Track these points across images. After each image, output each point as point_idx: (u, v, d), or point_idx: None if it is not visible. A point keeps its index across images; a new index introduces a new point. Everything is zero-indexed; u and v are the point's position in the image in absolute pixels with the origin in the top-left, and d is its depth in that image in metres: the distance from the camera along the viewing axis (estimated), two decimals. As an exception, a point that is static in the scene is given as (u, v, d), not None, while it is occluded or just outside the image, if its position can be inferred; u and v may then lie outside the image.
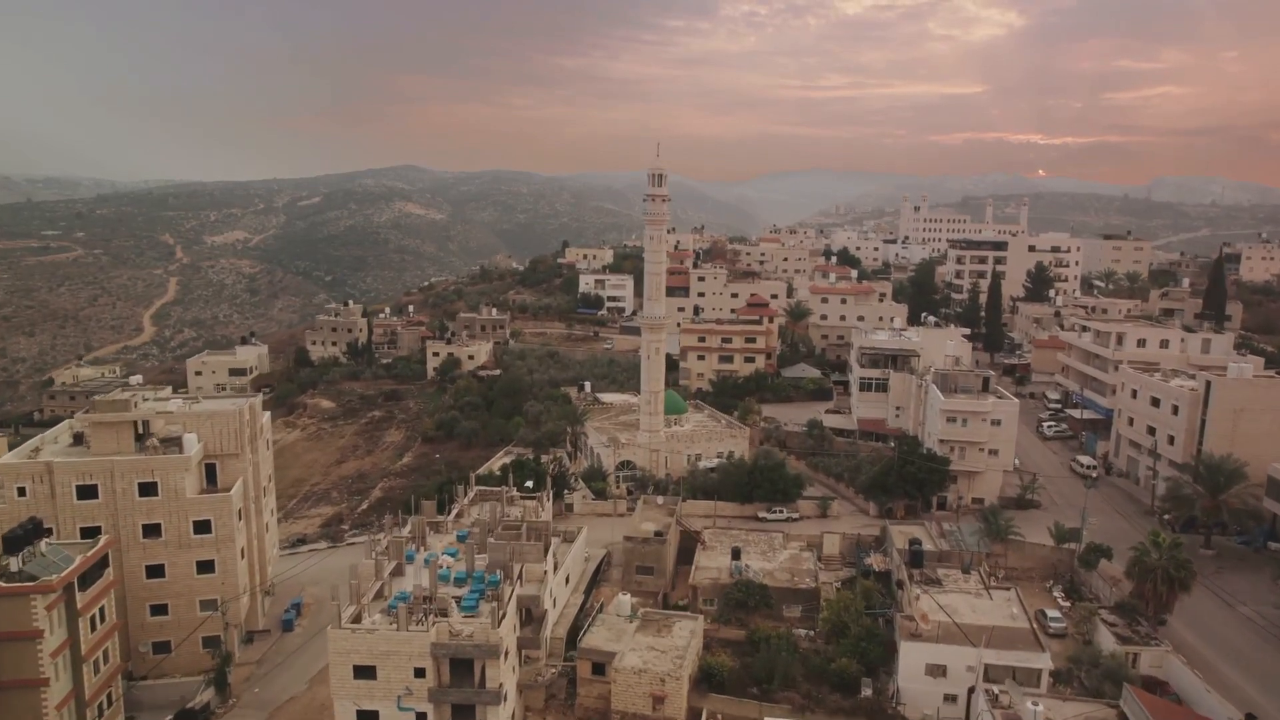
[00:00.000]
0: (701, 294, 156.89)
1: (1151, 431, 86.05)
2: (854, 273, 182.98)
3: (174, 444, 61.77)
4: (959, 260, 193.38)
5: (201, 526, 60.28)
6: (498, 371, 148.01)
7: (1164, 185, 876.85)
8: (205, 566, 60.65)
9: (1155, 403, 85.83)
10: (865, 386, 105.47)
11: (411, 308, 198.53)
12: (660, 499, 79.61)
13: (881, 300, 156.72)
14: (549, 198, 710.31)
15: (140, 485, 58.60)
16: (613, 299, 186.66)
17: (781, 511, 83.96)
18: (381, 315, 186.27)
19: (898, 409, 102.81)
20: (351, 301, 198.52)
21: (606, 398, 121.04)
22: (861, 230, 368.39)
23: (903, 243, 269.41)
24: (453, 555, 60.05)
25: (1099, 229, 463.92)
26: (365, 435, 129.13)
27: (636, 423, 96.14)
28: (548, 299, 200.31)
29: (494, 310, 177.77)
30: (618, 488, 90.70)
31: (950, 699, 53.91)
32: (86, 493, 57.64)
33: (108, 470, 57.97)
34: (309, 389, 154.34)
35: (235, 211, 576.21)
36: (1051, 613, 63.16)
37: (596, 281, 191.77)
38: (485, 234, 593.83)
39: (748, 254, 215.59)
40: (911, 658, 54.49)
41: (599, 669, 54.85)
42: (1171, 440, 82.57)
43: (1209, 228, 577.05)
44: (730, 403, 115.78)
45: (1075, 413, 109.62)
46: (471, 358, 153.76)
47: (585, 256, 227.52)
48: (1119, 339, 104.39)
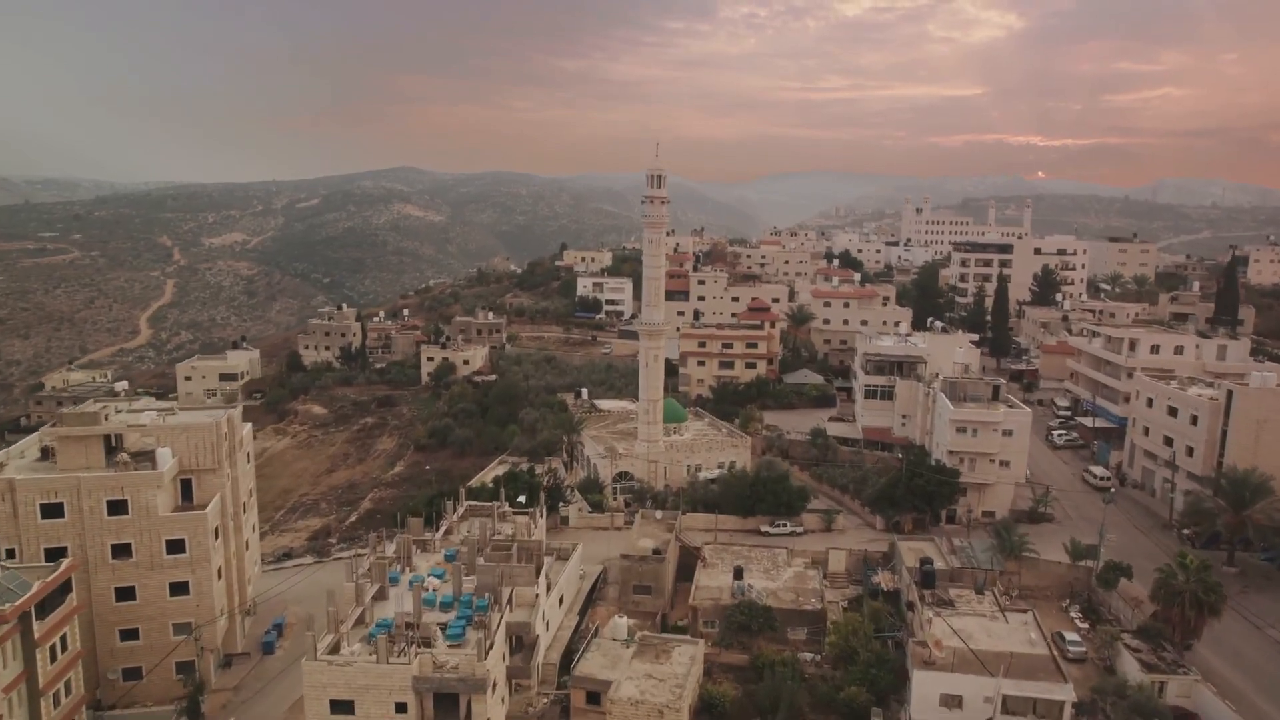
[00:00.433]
0: (701, 298, 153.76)
1: (1169, 442, 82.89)
2: (856, 276, 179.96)
3: (147, 459, 58.64)
4: (963, 263, 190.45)
5: (175, 546, 57.07)
6: (493, 377, 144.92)
7: (1164, 187, 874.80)
8: (179, 588, 57.43)
9: (1173, 412, 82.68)
10: (870, 394, 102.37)
11: (406, 311, 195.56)
12: (659, 513, 76.50)
13: (885, 304, 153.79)
14: (549, 199, 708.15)
15: (109, 503, 55.35)
16: (611, 302, 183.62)
17: (785, 525, 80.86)
18: (376, 319, 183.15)
19: (904, 417, 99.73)
20: (345, 306, 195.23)
21: (604, 404, 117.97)
22: (863, 232, 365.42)
23: (905, 245, 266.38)
24: (439, 577, 56.98)
25: (1099, 231, 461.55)
26: (357, 443, 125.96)
27: (634, 431, 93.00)
28: (545, 302, 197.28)
29: (490, 314, 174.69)
30: (615, 500, 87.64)
31: (967, 732, 50.93)
32: (51, 511, 54.34)
33: (74, 487, 54.72)
34: (301, 394, 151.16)
35: (233, 213, 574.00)
36: (1070, 636, 60.01)
37: (595, 285, 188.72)
38: (484, 236, 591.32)
39: (748, 256, 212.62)
40: (925, 688, 51.27)
41: (594, 698, 51.78)
42: (1191, 452, 79.39)
43: (1210, 229, 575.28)
44: (731, 410, 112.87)
45: (1086, 421, 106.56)
46: (467, 363, 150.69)
47: (584, 259, 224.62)
48: (1132, 345, 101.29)
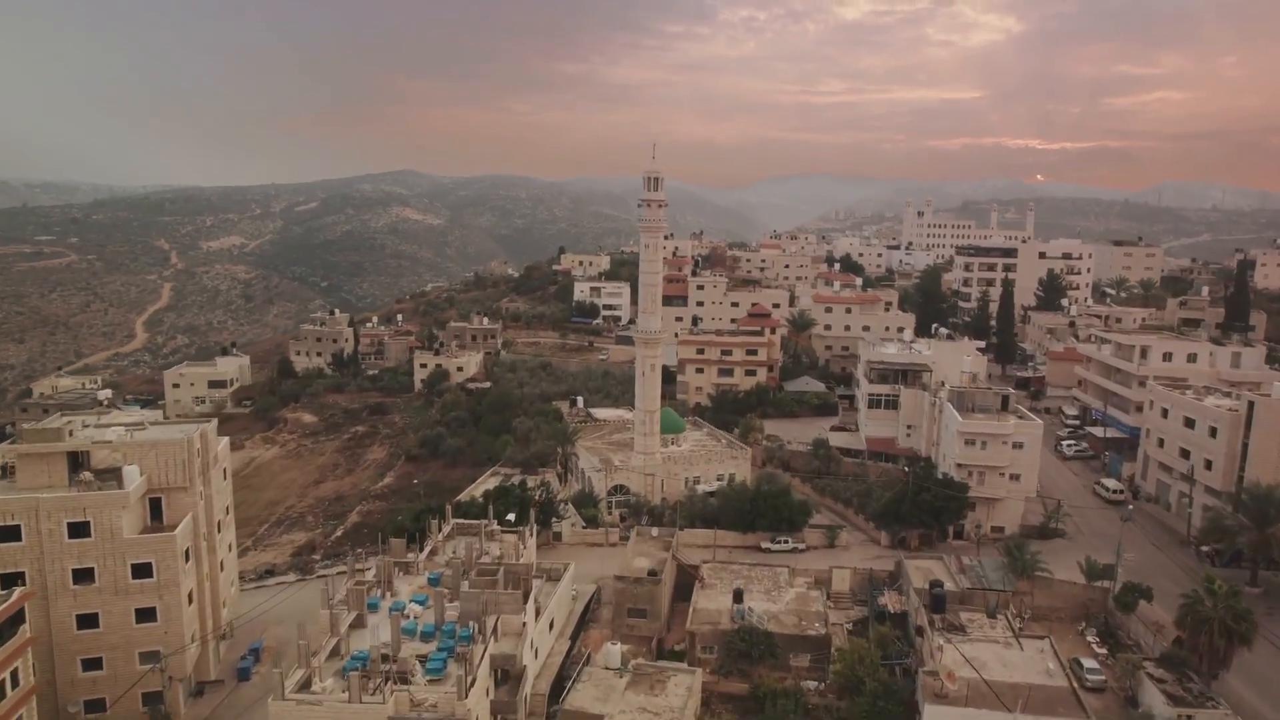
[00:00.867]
0: (700, 303, 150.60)
1: (1185, 455, 79.76)
2: (858, 280, 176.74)
3: (114, 476, 55.47)
4: (966, 267, 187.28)
5: (141, 570, 53.85)
6: (487, 384, 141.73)
7: (1164, 190, 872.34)
8: (146, 614, 54.18)
9: (1190, 423, 79.52)
10: (874, 403, 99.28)
11: (400, 316, 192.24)
12: (655, 531, 73.32)
13: (888, 309, 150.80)
14: (548, 203, 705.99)
15: (70, 525, 52.09)
16: (608, 307, 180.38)
17: (786, 542, 77.67)
18: (369, 324, 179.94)
19: (909, 428, 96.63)
20: (336, 311, 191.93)
21: (600, 413, 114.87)
22: (863, 236, 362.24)
23: (906, 249, 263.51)
24: (421, 603, 53.81)
25: (1100, 234, 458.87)
26: (346, 452, 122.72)
27: (631, 442, 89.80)
28: (542, 307, 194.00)
29: (485, 319, 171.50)
30: (610, 514, 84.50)
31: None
32: (8, 534, 51.03)
33: (32, 509, 51.46)
34: (291, 402, 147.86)
35: (232, 217, 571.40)
36: (1088, 663, 56.82)
37: (592, 289, 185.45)
38: (483, 239, 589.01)
39: (748, 260, 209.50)
40: (937, 724, 48.27)
41: (584, 734, 48.76)
42: (1209, 465, 76.22)
43: (1210, 232, 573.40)
44: (730, 419, 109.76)
45: (1096, 430, 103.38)
46: (460, 369, 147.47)
47: (581, 263, 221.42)
48: (1143, 352, 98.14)
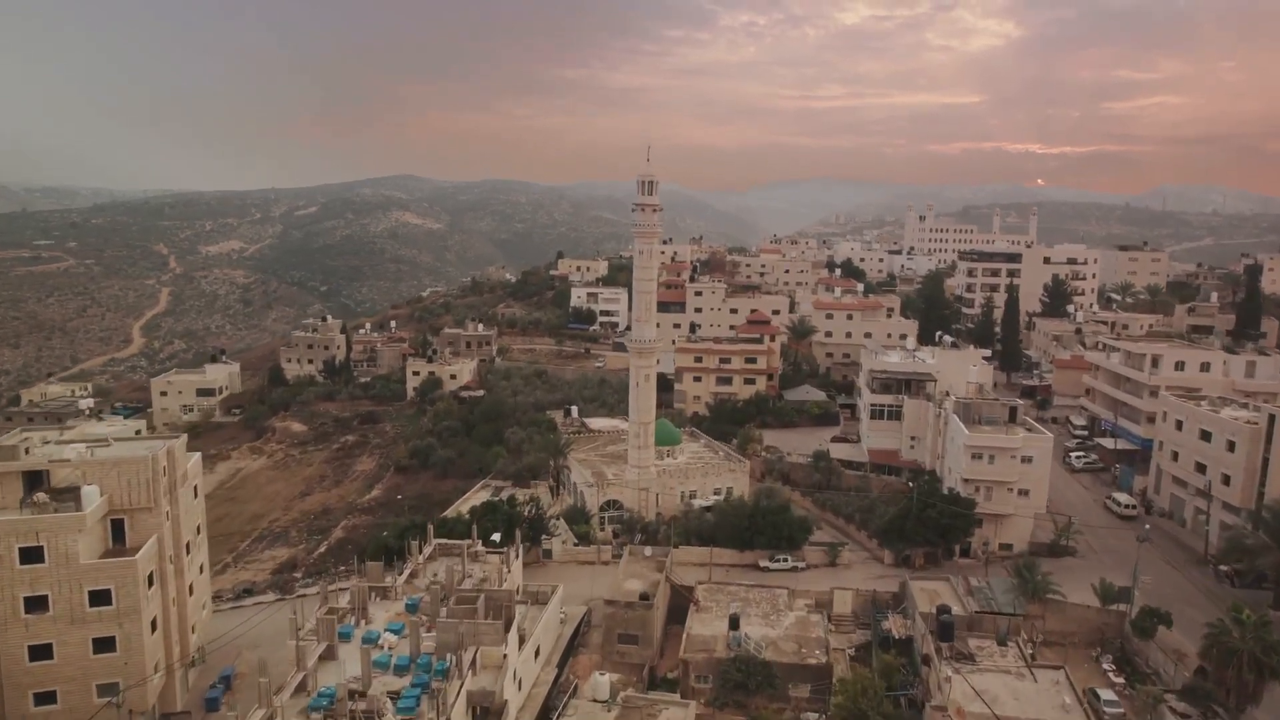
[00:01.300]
0: (698, 309, 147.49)
1: (1201, 469, 76.58)
2: (859, 286, 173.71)
3: (73, 496, 52.37)
4: (970, 273, 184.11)
5: (100, 597, 50.66)
6: (481, 392, 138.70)
7: (1163, 194, 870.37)
8: (104, 644, 51.00)
9: (1206, 436, 76.34)
10: (876, 414, 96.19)
11: (394, 323, 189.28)
12: (648, 550, 70.13)
13: (890, 316, 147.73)
14: (548, 207, 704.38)
15: (22, 550, 48.99)
16: (606, 314, 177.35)
17: (786, 560, 74.48)
18: (362, 331, 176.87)
19: (913, 439, 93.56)
20: (329, 317, 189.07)
21: (595, 423, 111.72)
22: (864, 240, 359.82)
23: (908, 254, 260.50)
24: (397, 632, 50.71)
25: (1101, 239, 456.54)
26: (335, 463, 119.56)
27: (626, 454, 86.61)
28: (538, 313, 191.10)
29: (480, 325, 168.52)
30: (602, 531, 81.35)
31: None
32: (-45, 561, 48.14)
33: (-19, 533, 48.52)
34: (281, 411, 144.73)
35: (231, 221, 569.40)
36: (1105, 694, 53.56)
37: (589, 295, 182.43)
38: (483, 244, 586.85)
39: (747, 265, 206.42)
40: (946, 764, 45.16)
41: (568, 775, 45.60)
42: (1227, 481, 73.04)
43: (1212, 237, 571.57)
44: (729, 429, 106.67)
45: (1106, 442, 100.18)
46: (454, 377, 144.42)
47: (579, 268, 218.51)
48: (1154, 361, 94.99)
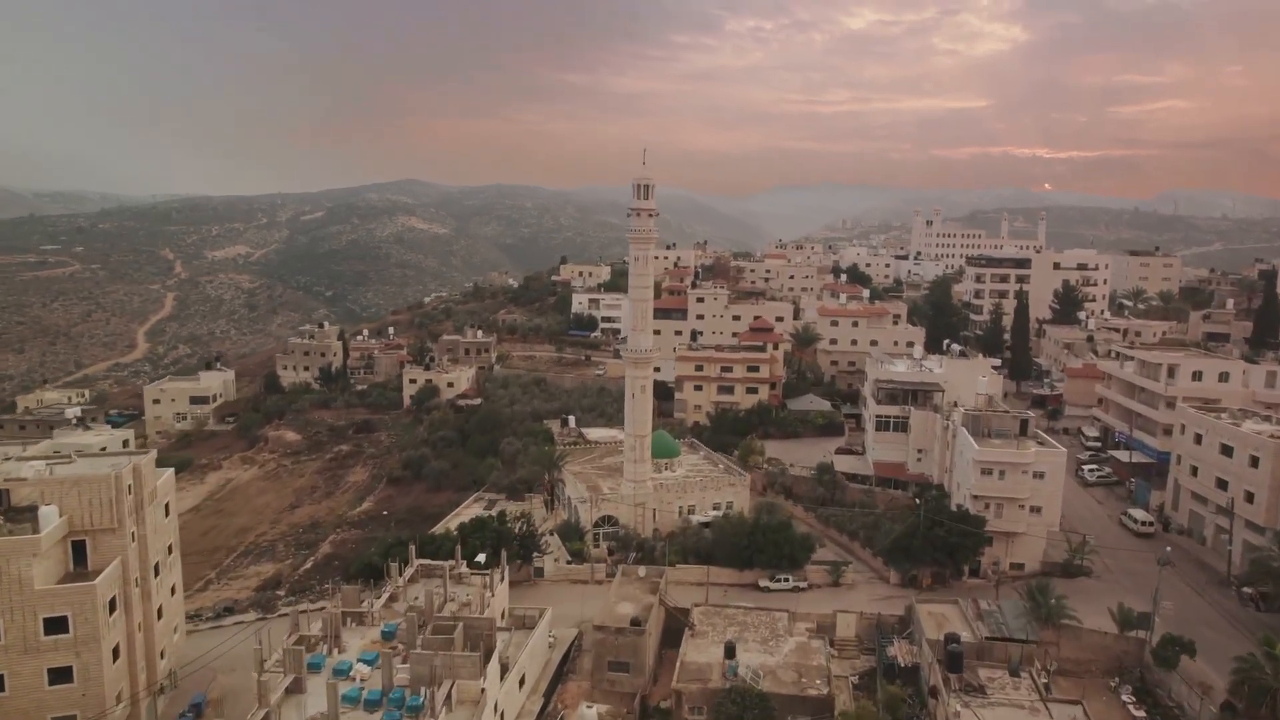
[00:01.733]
0: (700, 316, 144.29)
1: (1223, 485, 73.16)
2: (865, 292, 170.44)
3: (30, 517, 49.62)
4: (978, 278, 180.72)
5: (56, 624, 47.91)
6: (478, 401, 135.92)
7: (1172, 199, 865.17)
8: (61, 674, 48.20)
9: (1227, 451, 72.93)
10: (882, 426, 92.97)
11: (392, 329, 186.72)
12: (642, 570, 67.02)
13: (896, 323, 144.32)
14: (554, 211, 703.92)
15: (-27, 575, 46.46)
16: (607, 320, 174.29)
17: (787, 580, 71.38)
18: (360, 337, 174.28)
19: (920, 452, 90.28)
20: (328, 323, 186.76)
21: (593, 433, 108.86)
22: (870, 245, 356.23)
23: (915, 259, 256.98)
24: (371, 663, 47.75)
25: (1110, 243, 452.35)
26: (327, 474, 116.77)
27: (623, 467, 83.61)
28: (539, 319, 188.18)
29: (479, 332, 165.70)
30: (597, 548, 78.35)
31: None
32: (-100, 587, 45.48)
33: (-73, 558, 45.83)
34: (275, 419, 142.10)
35: (237, 226, 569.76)
36: (1125, 730, 50.45)
37: (590, 301, 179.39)
38: (489, 248, 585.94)
39: (752, 271, 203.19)
40: (955, 811, 41.97)
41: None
42: (1250, 498, 69.61)
43: (1221, 241, 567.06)
44: (730, 440, 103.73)
45: (1120, 454, 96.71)
46: (451, 385, 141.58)
47: (580, 274, 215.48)
48: (1170, 371, 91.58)
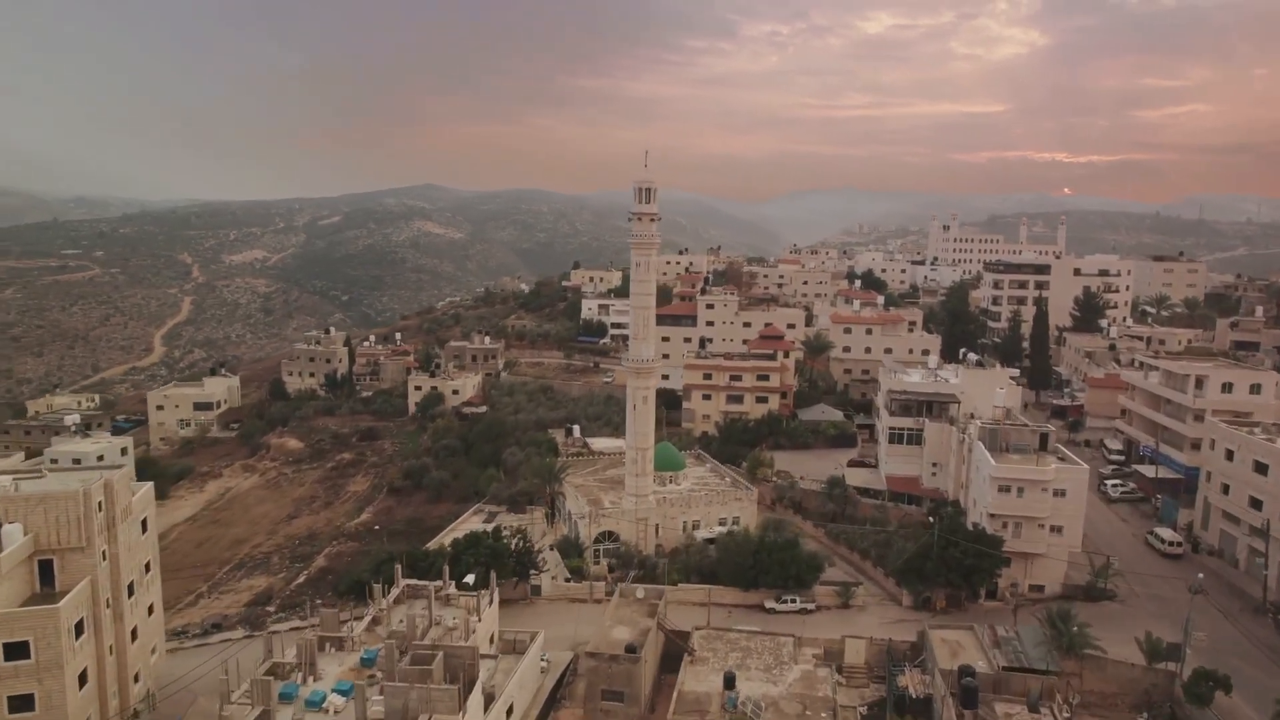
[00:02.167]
0: (710, 323, 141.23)
1: (1257, 505, 69.35)
2: (880, 298, 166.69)
3: (-5, 536, 47.36)
4: (996, 284, 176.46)
5: (16, 650, 45.46)
6: (484, 408, 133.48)
7: (1195, 203, 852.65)
8: (21, 703, 45.77)
9: (1261, 469, 69.15)
10: (895, 438, 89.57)
11: (400, 335, 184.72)
12: (640, 591, 63.99)
13: (911, 330, 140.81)
14: (569, 216, 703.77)
15: (-72, 598, 44.21)
16: (617, 326, 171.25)
17: (794, 601, 68.21)
18: (366, 343, 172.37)
19: (935, 466, 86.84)
20: (332, 330, 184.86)
21: (597, 443, 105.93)
22: (886, 251, 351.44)
23: (932, 264, 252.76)
24: (346, 693, 45.00)
25: (1132, 248, 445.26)
26: (327, 483, 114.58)
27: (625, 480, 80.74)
28: (549, 325, 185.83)
29: (487, 338, 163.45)
30: (596, 565, 75.43)
31: None
32: None
33: (-121, 580, 43.60)
34: (278, 426, 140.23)
35: (255, 230, 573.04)
36: (1154, 773, 46.94)
37: (600, 307, 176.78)
38: (505, 253, 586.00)
39: (765, 276, 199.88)
40: None
41: None
42: (1286, 519, 65.85)
43: (1246, 246, 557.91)
44: (739, 451, 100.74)
45: (1145, 469, 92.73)
46: (456, 392, 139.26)
47: (592, 279, 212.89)
48: (1199, 382, 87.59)
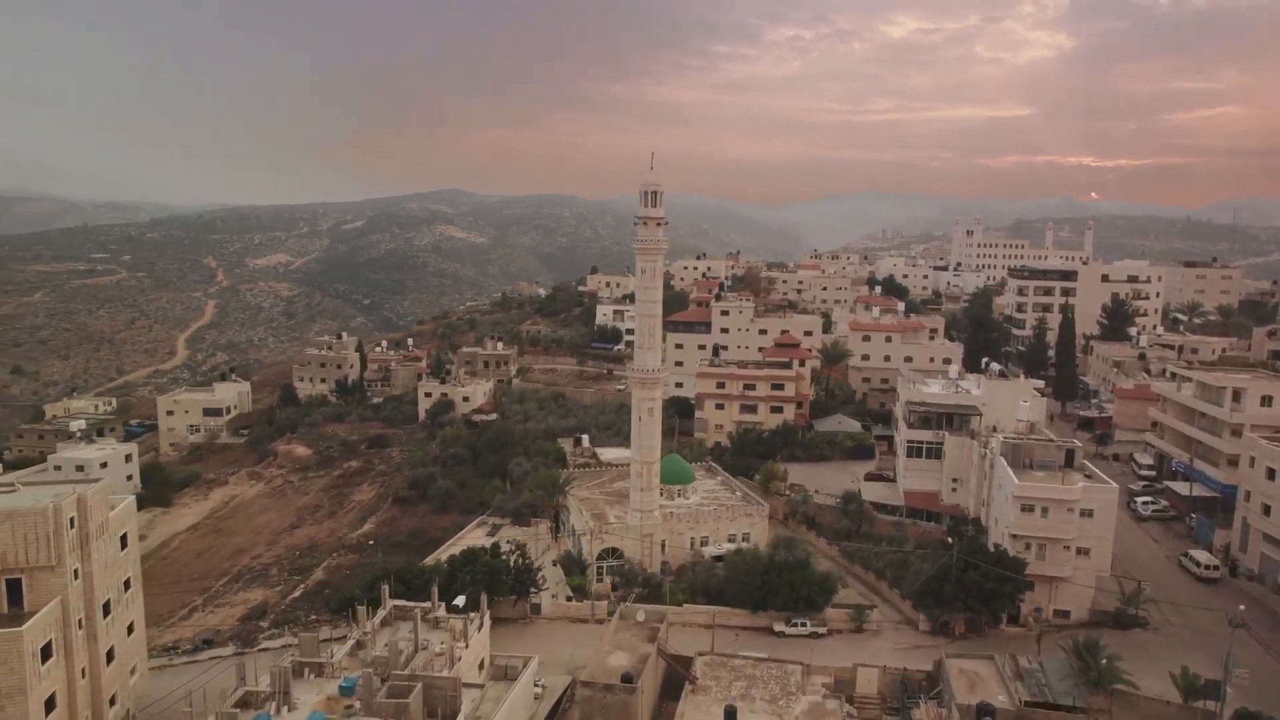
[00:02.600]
0: (725, 330, 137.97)
1: (1299, 528, 65.30)
2: (900, 305, 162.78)
3: (-38, 553, 45.33)
4: (1020, 291, 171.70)
5: (-22, 675, 43.60)
6: (494, 416, 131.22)
7: (1228, 208, 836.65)
8: (-17, 730, 43.93)
9: (1303, 490, 65.14)
10: (914, 452, 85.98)
11: (413, 340, 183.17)
12: (641, 613, 60.92)
13: (933, 338, 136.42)
14: (591, 221, 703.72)
15: (-116, 621, 42.18)
16: (631, 332, 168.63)
17: (804, 625, 65.01)
18: (379, 348, 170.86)
19: (954, 482, 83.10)
20: (344, 335, 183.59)
21: (607, 454, 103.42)
22: (909, 256, 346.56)
23: (954, 270, 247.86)
24: (319, 726, 42.50)
25: (1161, 254, 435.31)
26: (333, 492, 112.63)
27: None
28: (563, 330, 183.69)
29: (500, 344, 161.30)
30: (599, 582, 72.58)
31: None
32: None
33: None
34: (287, 433, 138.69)
35: (279, 234, 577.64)
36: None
37: (615, 312, 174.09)
38: (526, 258, 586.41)
39: (784, 282, 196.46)
40: None
41: None
42: (1332, 545, 61.77)
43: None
44: (752, 463, 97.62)
45: (1178, 486, 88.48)
46: (466, 399, 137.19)
47: (608, 284, 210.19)
48: (1236, 395, 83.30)
